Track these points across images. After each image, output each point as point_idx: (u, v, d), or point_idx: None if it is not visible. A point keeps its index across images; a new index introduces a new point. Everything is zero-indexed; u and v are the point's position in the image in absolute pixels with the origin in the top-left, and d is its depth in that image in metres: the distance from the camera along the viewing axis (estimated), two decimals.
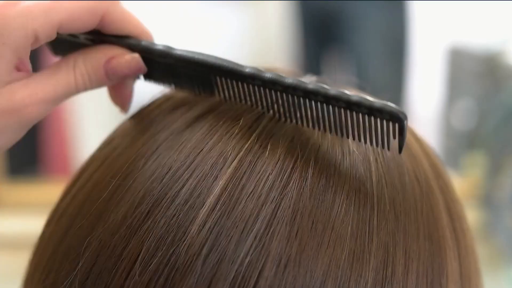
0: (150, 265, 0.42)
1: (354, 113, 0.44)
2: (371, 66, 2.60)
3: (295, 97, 0.45)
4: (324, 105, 0.45)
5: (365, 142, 0.45)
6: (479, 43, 2.60)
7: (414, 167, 0.50)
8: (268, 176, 0.45)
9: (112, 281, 0.43)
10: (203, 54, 0.49)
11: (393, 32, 2.60)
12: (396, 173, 0.48)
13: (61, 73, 0.49)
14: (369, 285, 0.43)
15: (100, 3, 0.49)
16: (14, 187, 2.54)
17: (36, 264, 0.51)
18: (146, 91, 0.55)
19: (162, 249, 0.43)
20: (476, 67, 2.59)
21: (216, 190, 0.44)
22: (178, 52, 0.50)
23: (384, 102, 0.44)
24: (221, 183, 0.44)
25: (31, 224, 0.62)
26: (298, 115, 0.46)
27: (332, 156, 0.47)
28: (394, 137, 0.44)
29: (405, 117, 0.43)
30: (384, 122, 0.44)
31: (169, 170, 0.45)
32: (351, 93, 0.44)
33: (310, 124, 0.47)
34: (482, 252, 0.56)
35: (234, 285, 0.41)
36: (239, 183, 0.44)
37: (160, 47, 0.50)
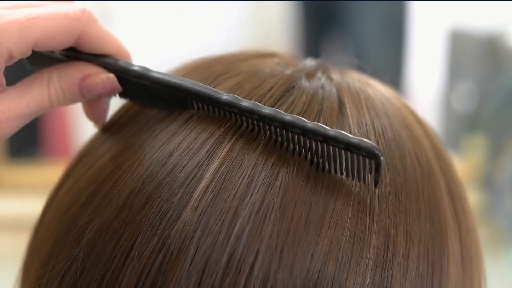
0: (145, 250, 0.42)
1: (330, 147, 0.44)
2: (371, 48, 2.59)
3: (272, 127, 0.45)
4: (301, 137, 0.44)
5: (341, 174, 0.45)
6: (479, 25, 2.59)
7: (415, 148, 0.50)
8: (260, 157, 0.45)
9: (110, 266, 0.43)
10: (179, 78, 0.48)
11: (394, 14, 2.59)
12: (397, 154, 0.48)
13: (35, 89, 0.49)
14: (370, 266, 0.43)
15: (77, 23, 0.48)
16: (14, 169, 2.54)
17: (36, 247, 0.51)
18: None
19: (157, 234, 0.43)
20: (477, 49, 2.58)
21: (208, 174, 0.44)
22: (155, 75, 0.49)
23: (361, 138, 0.43)
24: (214, 166, 0.44)
25: (31, 206, 0.62)
26: (274, 141, 0.46)
27: None
28: (371, 172, 0.44)
29: (381, 154, 0.43)
30: (361, 157, 0.44)
31: (168, 157, 0.45)
32: (328, 127, 0.44)
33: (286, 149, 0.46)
34: (482, 234, 0.56)
35: (228, 269, 0.41)
36: (231, 166, 0.44)
37: (136, 68, 0.50)
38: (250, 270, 0.41)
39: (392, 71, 2.57)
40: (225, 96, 0.46)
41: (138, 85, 0.50)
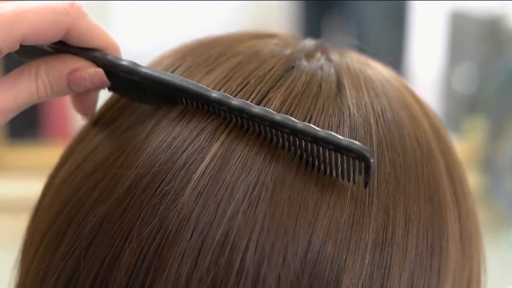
0: (144, 231, 0.43)
1: (320, 148, 0.44)
2: (372, 30, 2.59)
3: (262, 126, 0.45)
4: (291, 137, 0.44)
5: (331, 175, 0.44)
6: (480, 6, 2.59)
7: (415, 129, 0.50)
8: (254, 144, 0.45)
9: (111, 249, 0.43)
10: (169, 75, 0.48)
11: None
12: (397, 135, 0.48)
13: (23, 82, 0.48)
14: (369, 247, 0.43)
15: (65, 18, 0.47)
16: (14, 150, 2.55)
17: (36, 230, 0.51)
18: None
19: (157, 215, 0.43)
20: (478, 31, 2.58)
21: (208, 157, 0.44)
22: (143, 71, 0.48)
23: (351, 140, 0.43)
24: (213, 150, 0.44)
25: (31, 187, 0.62)
26: (264, 139, 0.46)
27: (330, 118, 0.47)
28: (360, 174, 0.43)
29: (371, 156, 0.42)
30: (351, 159, 0.43)
31: (169, 144, 0.46)
32: (319, 128, 0.44)
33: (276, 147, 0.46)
34: (482, 215, 0.56)
35: (224, 248, 0.41)
36: (227, 152, 0.44)
37: (125, 63, 0.49)
38: (245, 249, 0.41)
39: (393, 52, 2.56)
40: (215, 94, 0.46)
41: (127, 80, 0.49)
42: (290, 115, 0.46)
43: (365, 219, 0.44)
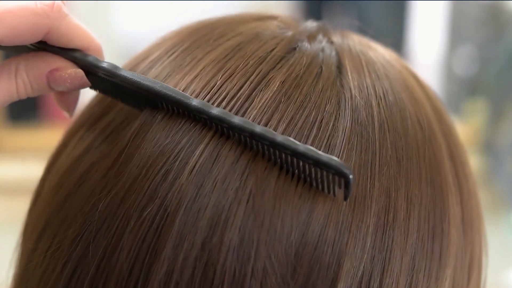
0: (145, 212, 0.43)
1: (300, 162, 0.43)
2: (373, 12, 2.58)
3: (242, 136, 0.44)
4: (271, 148, 0.44)
5: (311, 185, 0.44)
6: None
7: (417, 111, 0.50)
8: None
9: (116, 231, 0.44)
10: (149, 80, 0.47)
11: None
12: (399, 118, 0.48)
13: (2, 81, 0.48)
14: (370, 230, 0.43)
15: (44, 20, 0.46)
16: (14, 132, 2.55)
17: (37, 213, 0.51)
18: None
19: (157, 197, 0.43)
20: (479, 13, 2.58)
21: (206, 139, 0.44)
22: (123, 74, 0.48)
23: (330, 157, 0.42)
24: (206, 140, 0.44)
25: (31, 170, 0.62)
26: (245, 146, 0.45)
27: (329, 100, 0.47)
28: (340, 188, 0.43)
29: (350, 173, 0.42)
30: (330, 174, 0.43)
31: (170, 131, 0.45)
32: (298, 142, 0.43)
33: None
34: (482, 198, 0.56)
35: (213, 225, 0.42)
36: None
37: (104, 66, 0.48)
38: (240, 228, 0.42)
39: (393, 34, 2.56)
40: (195, 102, 0.45)
41: (108, 81, 0.49)
42: (289, 97, 0.46)
43: (367, 202, 0.44)
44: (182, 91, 0.46)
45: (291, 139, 0.43)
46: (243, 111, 0.45)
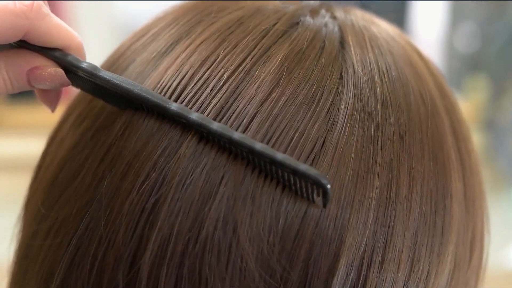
0: (144, 186, 0.43)
1: (279, 170, 0.43)
2: None
3: (221, 142, 0.44)
4: (250, 155, 0.43)
5: (290, 191, 0.43)
6: None
7: (420, 87, 0.50)
8: (261, 82, 0.45)
9: (117, 204, 0.44)
10: (129, 83, 0.47)
11: None
12: (402, 93, 0.48)
13: None
14: (372, 205, 0.43)
15: (23, 21, 0.45)
16: (14, 110, 2.55)
17: (39, 189, 0.51)
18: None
19: (156, 170, 0.43)
20: None
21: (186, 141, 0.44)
22: (102, 75, 0.47)
23: (308, 167, 0.42)
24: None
25: (31, 146, 0.62)
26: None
27: (331, 76, 0.47)
28: (318, 195, 0.42)
29: (328, 183, 0.41)
30: (308, 183, 0.42)
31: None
32: (277, 151, 0.43)
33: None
34: (483, 175, 0.56)
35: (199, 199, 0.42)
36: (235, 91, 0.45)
37: (84, 66, 0.48)
38: (242, 204, 0.42)
39: (395, 10, 2.55)
40: (173, 107, 0.45)
41: (89, 81, 0.48)
42: (291, 72, 0.46)
43: (369, 177, 0.44)
44: (183, 64, 0.47)
45: (269, 148, 0.43)
46: (244, 85, 0.45)
